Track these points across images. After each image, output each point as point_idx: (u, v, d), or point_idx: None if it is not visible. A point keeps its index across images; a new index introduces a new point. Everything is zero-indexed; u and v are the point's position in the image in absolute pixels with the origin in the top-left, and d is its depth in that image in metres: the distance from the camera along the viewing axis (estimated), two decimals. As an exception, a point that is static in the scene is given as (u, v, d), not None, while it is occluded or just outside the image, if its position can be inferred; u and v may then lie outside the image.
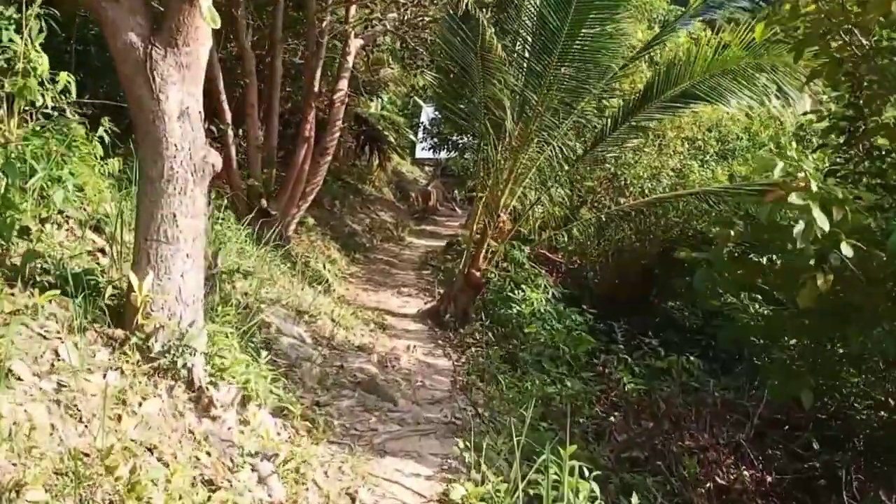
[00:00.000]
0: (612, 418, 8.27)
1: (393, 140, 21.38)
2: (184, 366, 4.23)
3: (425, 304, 13.07)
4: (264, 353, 5.50)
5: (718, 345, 10.98)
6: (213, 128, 13.04)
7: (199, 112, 4.33)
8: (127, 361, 4.11)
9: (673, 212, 13.05)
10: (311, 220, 15.01)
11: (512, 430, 5.23)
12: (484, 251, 11.67)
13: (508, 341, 10.66)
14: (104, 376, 3.94)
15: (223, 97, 10.91)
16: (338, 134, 12.21)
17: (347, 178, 20.57)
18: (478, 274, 11.61)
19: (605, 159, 12.61)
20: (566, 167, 11.31)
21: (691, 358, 9.43)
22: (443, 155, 30.34)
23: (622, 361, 9.28)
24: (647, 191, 13.40)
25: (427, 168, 35.11)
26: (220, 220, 9.22)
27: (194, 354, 4.28)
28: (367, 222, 18.81)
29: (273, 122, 11.83)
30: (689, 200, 12.49)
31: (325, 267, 13.17)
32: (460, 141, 27.03)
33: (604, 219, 11.55)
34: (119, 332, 4.23)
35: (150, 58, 4.11)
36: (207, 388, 4.28)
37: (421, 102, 30.33)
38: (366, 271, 15.24)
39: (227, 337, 5.04)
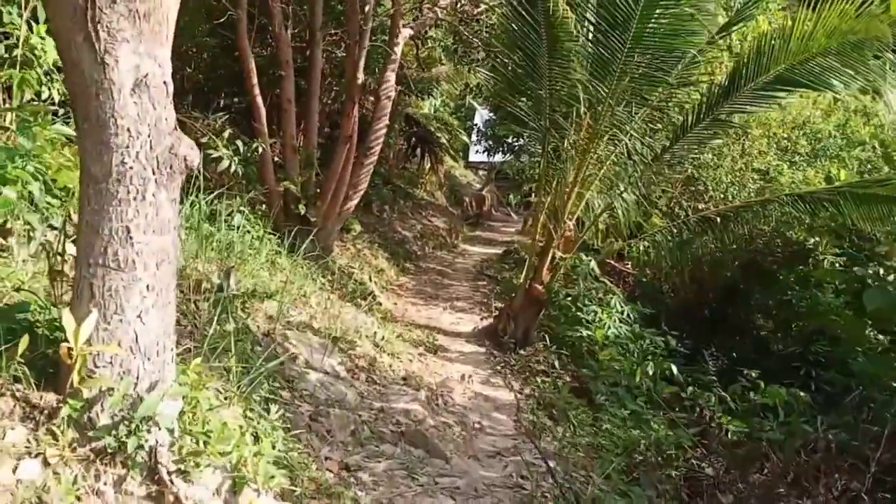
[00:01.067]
0: (709, 469, 6.75)
1: (445, 142, 20.04)
2: (139, 447, 2.90)
3: (481, 319, 11.66)
4: (276, 407, 4.15)
5: (823, 373, 9.35)
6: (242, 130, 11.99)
7: (166, 83, 3.00)
8: (54, 443, 2.80)
9: (760, 219, 11.39)
10: (357, 227, 13.74)
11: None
12: (548, 262, 10.22)
13: (577, 368, 9.21)
14: (14, 469, 2.64)
15: (257, 91, 9.67)
16: (383, 132, 10.90)
17: (397, 182, 19.27)
18: (541, 288, 10.17)
19: (682, 160, 11.05)
20: (640, 168, 9.80)
21: (796, 391, 7.86)
22: (497, 158, 28.93)
23: (715, 395, 7.73)
24: (730, 195, 11.78)
25: (481, 172, 33.69)
26: (247, 230, 7.96)
27: (156, 430, 2.95)
28: (418, 229, 17.50)
29: (312, 119, 10.57)
30: (778, 207, 10.88)
31: (370, 278, 11.86)
32: (516, 143, 25.60)
33: (681, 227, 9.99)
34: (48, 398, 2.92)
35: (92, 4, 2.79)
36: (173, 481, 2.93)
37: (475, 104, 28.99)
38: (416, 282, 13.90)
39: (219, 393, 3.71)
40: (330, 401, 5.40)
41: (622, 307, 9.15)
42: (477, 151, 29.63)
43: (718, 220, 10.12)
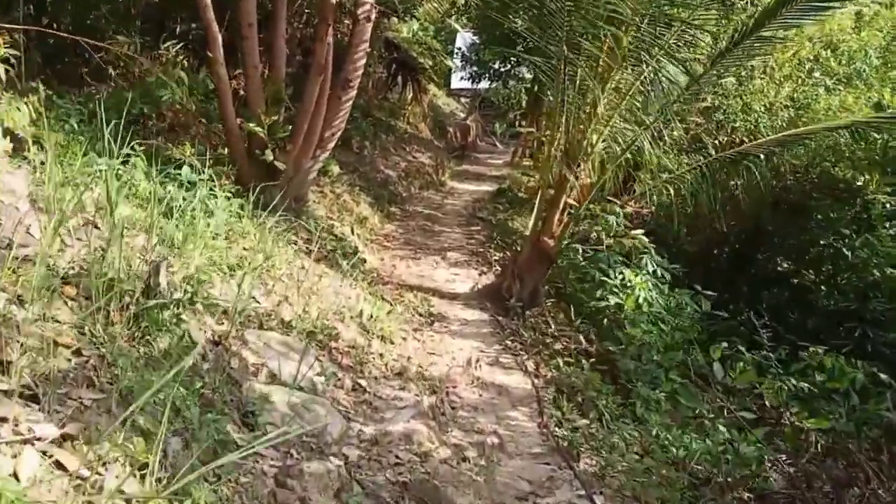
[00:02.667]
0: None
1: (429, 68, 18.16)
2: None
3: (480, 275, 10.16)
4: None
5: (882, 334, 7.95)
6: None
7: None
8: None
9: (795, 153, 9.81)
10: (335, 168, 12.05)
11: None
12: (558, 213, 8.67)
13: (600, 339, 7.76)
14: None
15: (210, 13, 7.85)
16: (363, 61, 9.12)
17: (378, 114, 17.45)
18: (551, 243, 8.65)
19: (716, 86, 9.42)
20: (672, 96, 8.18)
21: (873, 371, 6.45)
22: (482, 85, 27.00)
23: (780, 381, 6.29)
24: (761, 127, 10.19)
25: (464, 100, 31.75)
26: (193, 186, 6.30)
27: None
28: (402, 166, 15.79)
29: (279, 46, 8.75)
30: (822, 137, 9.32)
31: (352, 230, 10.25)
32: (502, 69, 23.71)
33: (712, 164, 8.42)
34: None
35: None
36: None
37: (457, 26, 26.88)
38: (403, 229, 12.31)
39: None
40: (304, 443, 3.88)
41: (653, 266, 7.62)
42: (461, 78, 27.65)
43: (750, 155, 8.58)
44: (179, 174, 6.23)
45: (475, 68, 24.28)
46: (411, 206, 14.20)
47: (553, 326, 8.67)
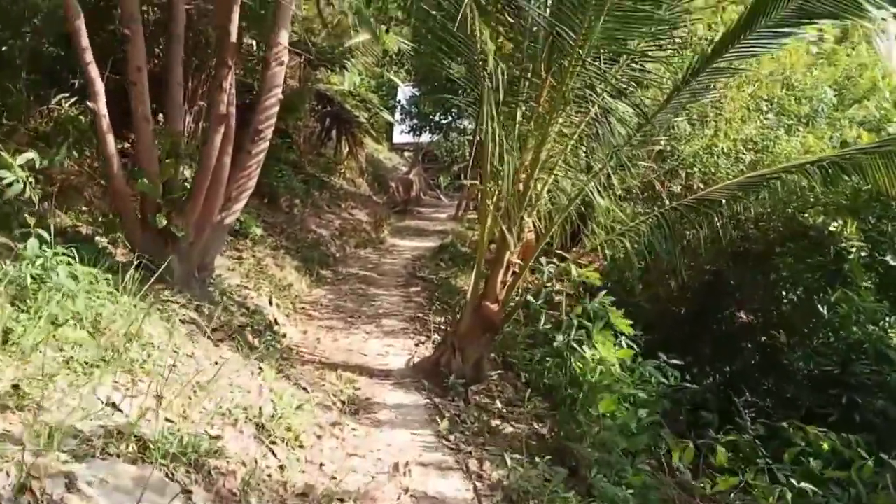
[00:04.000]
0: None
1: (365, 121, 17.13)
2: None
3: (417, 345, 8.96)
4: None
5: (870, 400, 6.91)
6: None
7: None
8: None
9: (758, 198, 8.86)
10: (257, 230, 10.82)
11: None
12: (501, 274, 7.55)
13: (559, 427, 6.59)
14: None
15: (89, 56, 6.66)
16: (275, 110, 7.99)
17: (311, 170, 16.31)
18: (494, 307, 7.51)
19: (669, 126, 8.49)
20: (624, 138, 7.20)
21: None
22: (424, 138, 26.10)
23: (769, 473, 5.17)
24: (722, 172, 9.28)
25: (407, 154, 30.82)
26: (54, 261, 5.04)
27: None
28: (336, 224, 14.60)
29: (174, 93, 7.57)
30: (787, 179, 8.40)
31: (271, 301, 8.98)
32: (444, 120, 22.85)
33: (668, 214, 7.41)
34: None
35: None
36: None
37: (397, 80, 26.04)
38: (334, 294, 11.07)
39: None
40: None
41: (617, 335, 6.49)
42: (402, 132, 26.74)
43: (710, 202, 7.59)
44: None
45: (416, 121, 23.40)
46: (345, 268, 12.97)
47: (501, 405, 7.49)
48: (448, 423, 6.43)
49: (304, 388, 6.56)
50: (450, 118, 22.20)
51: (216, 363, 5.79)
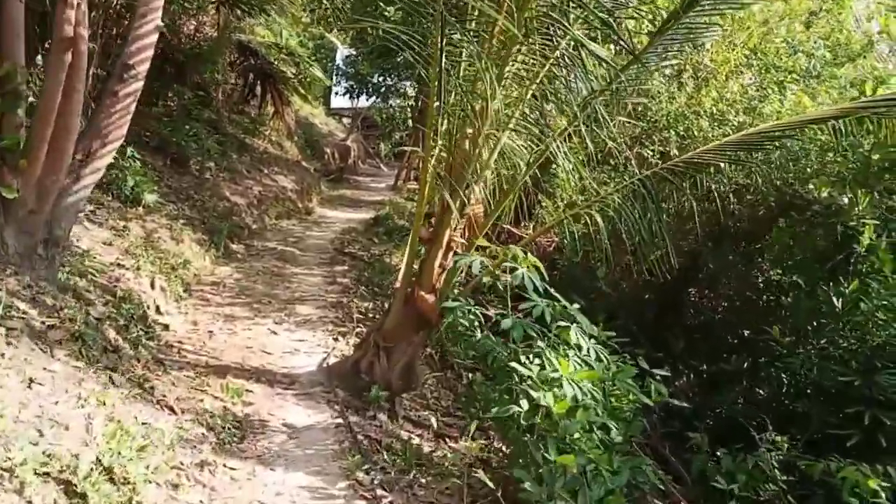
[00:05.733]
0: None
1: (292, 76, 15.13)
2: None
3: (335, 339, 7.25)
4: None
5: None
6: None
7: None
8: None
9: (748, 162, 7.28)
10: (150, 197, 8.86)
11: None
12: (440, 256, 5.86)
13: (514, 463, 4.92)
14: None
15: None
16: (151, 39, 6.12)
17: (231, 131, 14.29)
18: (430, 298, 5.82)
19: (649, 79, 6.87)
20: (600, 84, 5.53)
21: None
22: (362, 103, 24.14)
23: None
24: (708, 134, 7.73)
25: (345, 120, 28.79)
26: None
27: None
28: (255, 192, 12.66)
29: (11, 12, 5.62)
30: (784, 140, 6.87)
31: (153, 283, 7.10)
32: (384, 82, 20.93)
33: (642, 182, 5.80)
34: None
35: None
36: None
37: (336, 41, 23.97)
38: (243, 274, 9.22)
39: None
40: None
41: (584, 342, 4.83)
42: (336, 93, 24.74)
43: (701, 165, 6.01)
44: None
45: (352, 83, 21.44)
46: (261, 242, 11.09)
47: (436, 420, 5.84)
48: (362, 457, 4.73)
49: (170, 409, 4.78)
50: (389, 80, 20.29)
51: (29, 384, 4.00)
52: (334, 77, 24.44)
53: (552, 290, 5.17)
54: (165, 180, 10.58)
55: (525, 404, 4.27)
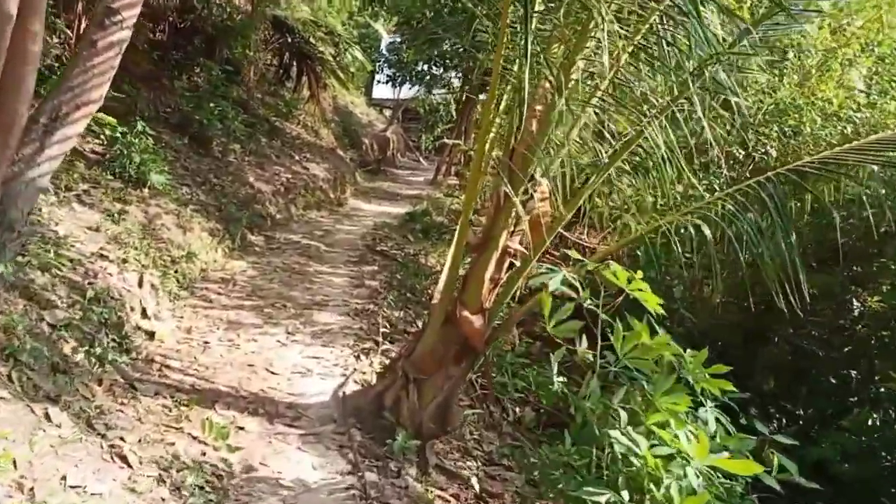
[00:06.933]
0: None
1: (330, 58, 13.84)
2: None
3: (357, 358, 5.91)
4: None
5: None
6: None
7: None
8: None
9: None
10: (159, 178, 7.61)
11: None
12: (492, 267, 4.49)
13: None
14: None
15: None
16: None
17: (263, 112, 13.05)
18: (476, 320, 4.46)
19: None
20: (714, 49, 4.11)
21: None
22: (405, 93, 22.83)
23: None
24: (813, 136, 6.25)
25: (386, 111, 27.50)
26: None
27: None
28: (283, 179, 11.40)
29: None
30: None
31: (141, 280, 5.82)
32: (431, 70, 19.54)
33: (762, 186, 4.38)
34: None
35: None
36: None
37: (381, 30, 22.68)
38: (258, 270, 7.94)
39: None
40: None
41: (713, 422, 3.40)
42: (378, 82, 23.46)
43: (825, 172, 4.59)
44: None
45: (395, 70, 20.13)
46: (284, 234, 9.81)
47: (478, 487, 4.46)
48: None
49: (122, 459, 3.48)
50: (435, 69, 18.92)
51: None
52: (377, 65, 23.23)
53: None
54: (182, 161, 9.37)
55: (626, 496, 2.88)
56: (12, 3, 3.90)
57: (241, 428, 4.34)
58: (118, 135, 7.58)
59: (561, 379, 3.70)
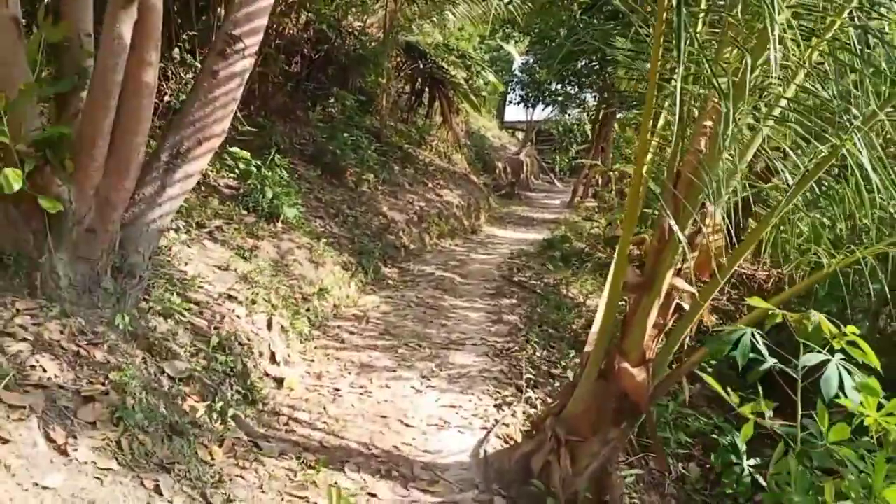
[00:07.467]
0: None
1: (463, 82, 13.48)
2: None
3: (499, 408, 5.30)
4: None
5: None
6: None
7: None
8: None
9: None
10: (290, 212, 7.37)
11: None
12: (655, 311, 3.79)
13: None
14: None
15: None
16: (266, 3, 4.55)
17: (395, 140, 12.84)
18: (637, 374, 3.76)
19: None
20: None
21: None
22: (537, 115, 22.28)
23: None
24: None
25: (518, 134, 27.01)
26: None
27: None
28: (417, 207, 11.06)
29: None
30: None
31: (270, 324, 5.49)
32: (562, 92, 18.91)
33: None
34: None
35: None
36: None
37: (513, 52, 22.25)
38: (392, 306, 7.53)
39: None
40: None
41: None
42: (510, 102, 23.00)
43: None
44: None
45: (527, 91, 19.62)
46: (418, 265, 9.41)
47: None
48: None
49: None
50: (569, 88, 18.27)
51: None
52: (509, 87, 22.82)
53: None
54: (315, 192, 9.18)
55: None
56: (126, 30, 3.62)
57: (373, 495, 3.83)
58: (252, 168, 7.44)
59: (750, 462, 2.97)
